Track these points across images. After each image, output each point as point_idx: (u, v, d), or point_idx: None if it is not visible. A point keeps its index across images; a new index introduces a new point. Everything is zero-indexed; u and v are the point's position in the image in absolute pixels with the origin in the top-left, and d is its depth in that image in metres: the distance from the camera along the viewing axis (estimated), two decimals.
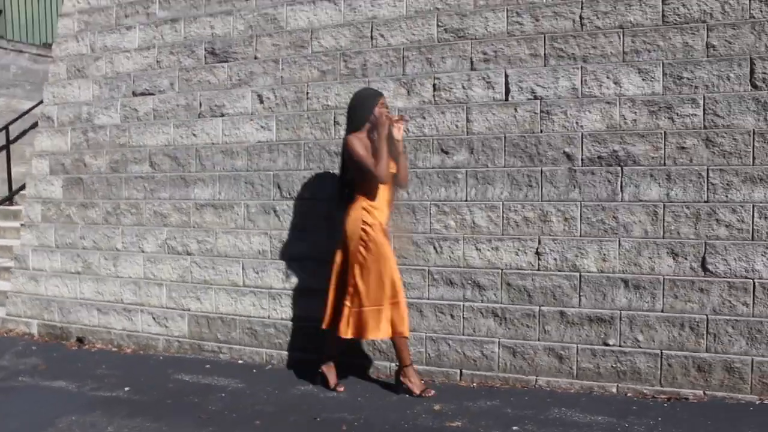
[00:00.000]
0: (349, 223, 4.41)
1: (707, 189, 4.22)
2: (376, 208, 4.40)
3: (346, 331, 4.41)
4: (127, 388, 4.77)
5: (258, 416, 4.21)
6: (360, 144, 4.34)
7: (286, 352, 5.18)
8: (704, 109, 4.24)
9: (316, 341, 5.03)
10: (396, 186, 4.62)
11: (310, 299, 5.10)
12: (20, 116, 9.02)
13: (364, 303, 4.35)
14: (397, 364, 4.51)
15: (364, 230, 4.34)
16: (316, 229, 5.10)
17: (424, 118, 4.82)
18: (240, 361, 5.33)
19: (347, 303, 4.40)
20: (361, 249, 4.35)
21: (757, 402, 4.08)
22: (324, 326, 4.56)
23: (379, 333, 4.36)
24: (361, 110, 4.40)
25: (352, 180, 4.47)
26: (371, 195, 4.40)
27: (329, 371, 4.66)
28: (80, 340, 5.93)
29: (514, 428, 3.87)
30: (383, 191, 4.43)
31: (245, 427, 4.04)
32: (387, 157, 4.31)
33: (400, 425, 4.00)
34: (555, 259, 4.49)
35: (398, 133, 4.40)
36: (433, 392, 4.41)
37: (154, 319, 5.68)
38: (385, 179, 4.34)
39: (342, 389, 4.58)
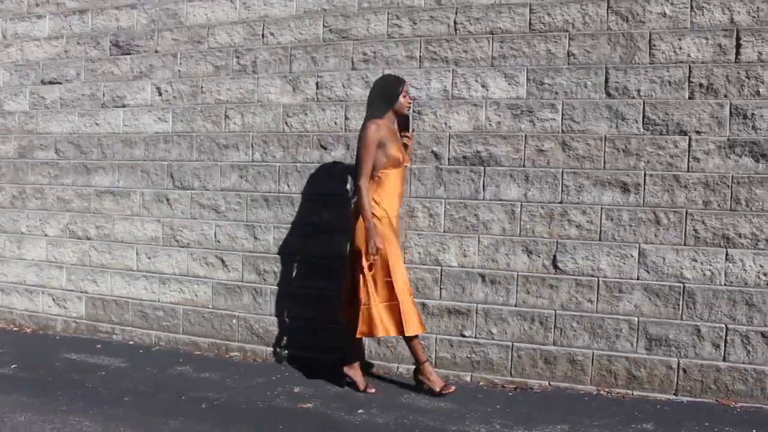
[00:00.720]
0: (357, 216, 4.23)
1: (561, 191, 4.45)
2: (386, 199, 4.24)
3: (359, 330, 4.20)
4: (14, 366, 4.96)
5: (129, 393, 4.41)
6: (376, 134, 4.15)
7: (173, 335, 5.39)
8: (562, 115, 4.46)
9: (202, 324, 5.26)
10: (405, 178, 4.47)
11: (197, 285, 5.32)
12: None
13: (373, 300, 4.15)
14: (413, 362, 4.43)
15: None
16: (204, 217, 5.31)
17: (306, 114, 5.02)
18: (131, 342, 5.53)
19: (359, 300, 4.19)
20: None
21: (595, 392, 4.33)
22: (343, 318, 4.44)
23: (389, 331, 4.18)
24: (385, 97, 4.26)
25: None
26: (382, 184, 4.25)
27: (354, 373, 4.45)
28: None
29: (360, 411, 4.09)
30: (395, 181, 4.27)
31: (113, 403, 4.23)
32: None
33: (256, 405, 4.21)
34: (419, 253, 4.71)
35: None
36: (453, 388, 4.28)
37: (54, 300, 5.87)
38: (359, 188, 4.16)
39: (373, 391, 4.38)
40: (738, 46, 4.14)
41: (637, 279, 4.31)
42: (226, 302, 5.24)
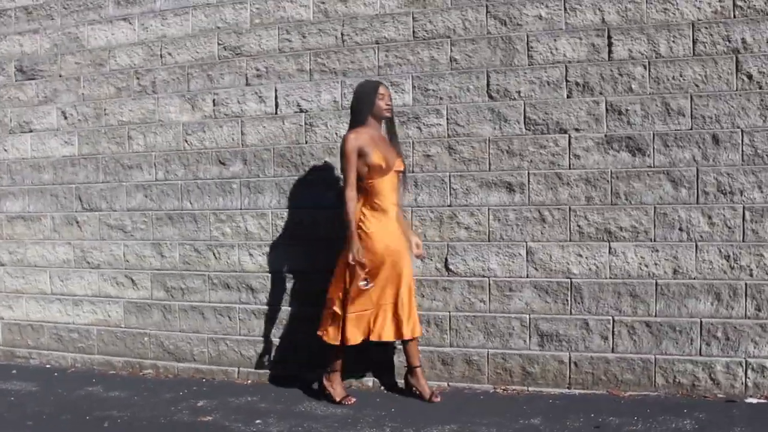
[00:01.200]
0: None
1: (449, 194, 4.53)
2: (378, 210, 4.16)
3: (336, 337, 4.27)
4: None
5: (33, 417, 4.42)
6: (354, 143, 4.08)
7: (88, 355, 5.43)
8: (447, 119, 4.55)
9: (116, 343, 5.31)
10: (403, 186, 4.42)
11: (109, 305, 5.37)
12: None
13: (356, 308, 4.19)
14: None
15: (359, 236, 4.11)
16: (112, 238, 5.36)
17: (204, 131, 5.08)
18: (47, 366, 5.56)
19: (336, 308, 4.24)
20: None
21: (491, 390, 4.42)
22: (330, 340, 4.32)
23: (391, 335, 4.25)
24: (362, 105, 4.20)
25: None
26: (373, 195, 4.18)
27: (334, 384, 4.43)
28: None
29: (257, 421, 4.14)
30: (389, 191, 4.20)
31: (15, 427, 4.23)
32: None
33: (157, 421, 4.25)
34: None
35: None
36: (439, 398, 4.27)
37: None
38: (344, 198, 4.13)
39: (353, 401, 4.35)
40: (610, 44, 4.25)
41: (527, 277, 4.41)
42: (138, 320, 5.29)
